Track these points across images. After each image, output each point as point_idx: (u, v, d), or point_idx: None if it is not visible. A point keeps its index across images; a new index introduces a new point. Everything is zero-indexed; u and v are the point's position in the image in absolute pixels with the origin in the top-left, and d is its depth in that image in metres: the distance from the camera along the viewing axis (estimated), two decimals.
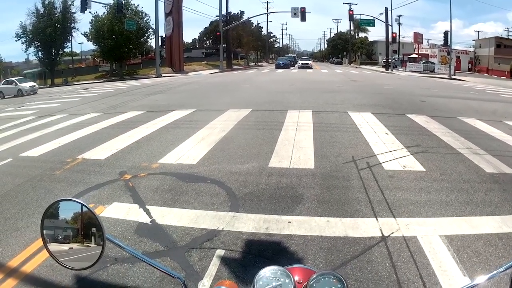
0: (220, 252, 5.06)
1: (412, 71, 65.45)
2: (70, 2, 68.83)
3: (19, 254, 5.68)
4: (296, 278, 1.55)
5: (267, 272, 1.54)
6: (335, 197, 6.71)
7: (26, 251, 5.74)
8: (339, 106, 16.85)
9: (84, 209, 1.59)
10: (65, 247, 1.61)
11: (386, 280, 4.28)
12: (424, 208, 6.22)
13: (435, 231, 5.38)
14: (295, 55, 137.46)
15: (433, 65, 66.65)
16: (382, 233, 5.36)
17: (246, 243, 5.27)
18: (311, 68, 69.51)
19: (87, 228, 1.59)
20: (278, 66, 73.57)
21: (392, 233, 5.35)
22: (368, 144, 10.20)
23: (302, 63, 74.23)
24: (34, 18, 68.79)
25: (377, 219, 5.83)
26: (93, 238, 1.58)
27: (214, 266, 4.72)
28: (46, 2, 68.04)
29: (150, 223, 6.10)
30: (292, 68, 71.15)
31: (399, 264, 4.57)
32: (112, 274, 4.80)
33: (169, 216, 6.32)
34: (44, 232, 1.62)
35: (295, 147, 9.94)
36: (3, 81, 52.42)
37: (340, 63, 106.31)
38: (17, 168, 10.51)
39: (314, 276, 1.48)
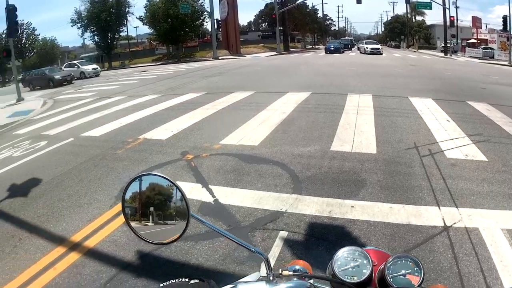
0: (283, 233, 5.16)
1: (471, 56, 63.65)
2: None
3: (82, 229, 5.96)
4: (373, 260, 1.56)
5: (345, 253, 1.56)
6: (397, 183, 6.69)
7: (89, 226, 6.02)
8: (399, 90, 16.67)
9: (169, 184, 1.60)
10: (147, 222, 1.61)
11: (447, 271, 4.26)
12: (486, 200, 6.08)
13: (497, 224, 5.26)
14: (352, 38, 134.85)
15: (492, 51, 64.60)
16: (444, 222, 5.32)
17: (309, 225, 5.35)
18: (381, 53, 60.36)
19: (170, 203, 1.59)
20: (328, 51, 64.39)
21: (455, 223, 5.29)
22: (430, 130, 10.06)
23: (371, 48, 61.26)
24: (89, 4, 70.23)
25: (439, 208, 5.79)
26: (176, 214, 1.59)
27: (277, 247, 4.82)
28: None
29: (213, 203, 6.27)
30: (349, 51, 69.62)
31: (461, 255, 4.52)
32: (175, 251, 4.97)
33: (232, 196, 6.47)
34: (126, 206, 1.63)
35: (357, 131, 9.94)
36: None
37: (398, 47, 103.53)
38: (78, 147, 10.91)
39: (391, 259, 1.50)
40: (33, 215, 6.81)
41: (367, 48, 62.69)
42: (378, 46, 65.27)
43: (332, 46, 65.99)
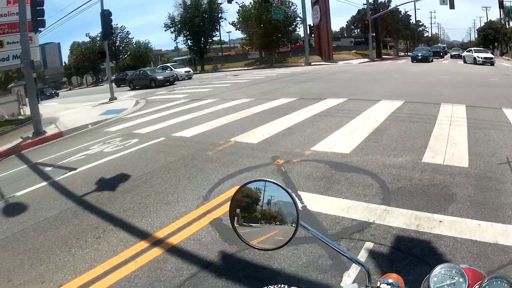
0: (369, 244, 5.02)
1: None
2: None
3: (167, 226, 6.06)
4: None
5: (443, 270, 1.53)
6: (488, 200, 6.33)
7: (174, 224, 6.11)
8: (492, 101, 15.91)
9: (280, 190, 1.57)
10: (252, 226, 1.62)
11: None
12: None
13: None
14: (444, 45, 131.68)
15: None
16: None
17: (396, 238, 5.18)
18: (494, 64, 49.42)
19: (281, 211, 1.58)
20: (415, 59, 54.55)
21: None
22: None
23: (483, 58, 48.80)
24: (182, 10, 72.54)
25: None
26: (284, 220, 1.57)
27: (361, 258, 4.66)
28: None
29: (301, 209, 6.13)
30: (441, 59, 67.48)
31: None
32: (258, 255, 4.92)
33: (320, 204, 6.36)
34: (233, 208, 1.64)
35: (449, 143, 9.57)
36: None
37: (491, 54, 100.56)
38: (169, 147, 11.13)
39: (487, 279, 1.42)
40: (119, 209, 7.02)
41: (478, 58, 49.58)
42: (491, 55, 54.99)
43: (419, 55, 55.80)
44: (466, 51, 62.92)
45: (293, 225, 1.54)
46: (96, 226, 6.40)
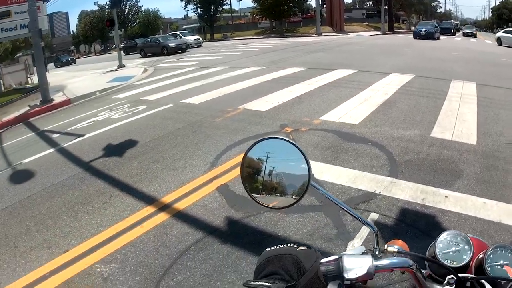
0: (374, 215, 5.06)
1: None
2: None
3: (174, 191, 6.11)
4: None
5: (448, 236, 1.55)
6: (494, 178, 6.30)
7: (181, 189, 6.16)
8: (504, 81, 15.79)
9: (293, 149, 1.50)
10: (263, 185, 1.53)
11: None
12: None
13: None
14: (457, 22, 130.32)
15: None
16: None
17: (401, 211, 5.20)
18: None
19: (289, 167, 1.53)
20: (417, 35, 46.84)
21: None
22: None
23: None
24: None
25: None
26: (295, 179, 1.51)
27: (366, 229, 4.67)
28: None
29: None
30: (453, 36, 66.47)
31: None
32: (264, 221, 4.99)
33: (327, 173, 6.39)
34: (245, 166, 1.56)
35: (458, 119, 9.49)
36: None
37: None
38: (177, 113, 11.14)
39: (491, 248, 1.46)
40: (126, 174, 7.07)
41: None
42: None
43: (423, 30, 47.58)
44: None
45: (304, 184, 1.48)
46: (103, 192, 6.45)
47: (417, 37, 45.32)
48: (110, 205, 5.91)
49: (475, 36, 61.61)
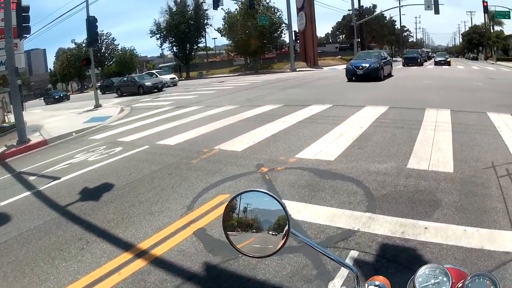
0: (354, 253, 5.00)
1: None
2: (201, 0, 71.47)
3: (151, 237, 6.01)
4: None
5: (427, 270, 1.56)
6: (473, 205, 6.34)
7: (158, 234, 6.06)
8: (477, 105, 16.02)
9: (271, 200, 1.65)
10: (246, 235, 1.66)
11: None
12: None
13: None
14: (429, 49, 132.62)
15: None
16: None
17: (381, 246, 5.16)
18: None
19: (271, 219, 1.65)
20: (351, 74, 32.48)
21: None
22: (508, 148, 9.53)
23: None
24: (167, 16, 72.79)
25: None
26: (277, 229, 1.64)
27: None
28: (178, 0, 71.20)
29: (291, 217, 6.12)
30: (427, 64, 67.07)
31: None
32: (243, 265, 4.90)
33: (305, 212, 6.32)
34: (226, 219, 1.70)
35: (434, 148, 9.59)
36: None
37: (475, 58, 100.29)
38: (153, 155, 11.11)
39: (470, 277, 1.47)
40: (102, 219, 6.96)
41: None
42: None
43: (360, 67, 35.20)
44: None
45: (284, 232, 1.61)
46: (80, 237, 6.33)
47: (352, 78, 31.23)
48: (87, 252, 5.79)
49: (448, 64, 59.17)
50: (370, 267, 4.73)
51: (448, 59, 62.48)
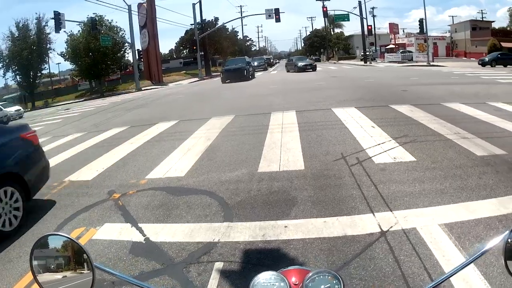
0: (218, 264, 4.94)
1: (390, 61, 66.28)
2: (44, 23, 68.30)
3: (14, 286, 5.56)
4: (293, 279, 1.53)
5: (262, 279, 1.52)
6: (329, 196, 6.61)
7: (20, 282, 5.60)
8: (322, 103, 16.82)
9: (68, 240, 1.61)
10: (56, 277, 1.61)
11: (391, 275, 4.19)
12: (419, 199, 6.16)
13: (434, 220, 5.34)
14: (270, 56, 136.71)
15: (411, 53, 67.65)
16: (380, 228, 5.28)
17: (244, 252, 5.17)
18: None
19: (77, 258, 1.60)
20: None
21: (391, 227, 5.28)
22: (356, 139, 10.14)
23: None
24: (10, 42, 68.46)
25: (374, 214, 5.75)
26: (82, 267, 1.59)
27: (214, 280, 4.60)
28: (20, 25, 67.63)
29: (144, 242, 5.94)
30: (271, 69, 68.72)
31: (402, 258, 4.50)
32: None
33: (162, 233, 6.17)
34: (34, 265, 1.61)
35: (283, 149, 9.85)
36: None
37: (318, 60, 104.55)
38: None
39: (309, 275, 1.47)
40: None
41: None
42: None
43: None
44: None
45: (91, 271, 1.57)
46: None
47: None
48: None
49: (314, 69, 50.57)
50: (237, 275, 4.71)
51: (314, 64, 54.18)
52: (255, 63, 63.29)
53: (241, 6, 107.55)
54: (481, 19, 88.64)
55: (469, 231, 4.99)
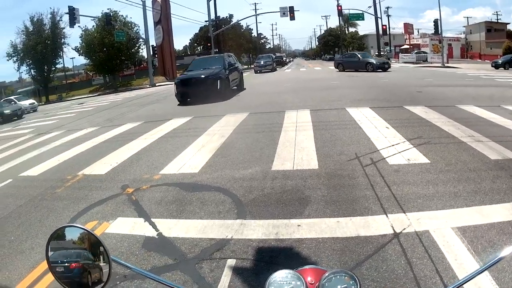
0: (231, 261, 4.95)
1: (405, 62, 65.74)
2: (58, 18, 68.35)
3: (26, 277, 5.60)
4: (309, 279, 1.53)
5: (278, 277, 1.52)
6: (342, 196, 6.60)
7: (32, 273, 5.66)
8: (336, 103, 16.78)
9: (84, 232, 1.67)
10: (72, 269, 1.64)
11: (403, 278, 4.18)
12: (433, 201, 6.12)
13: (447, 223, 5.29)
14: (283, 54, 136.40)
15: (425, 54, 67.10)
16: (394, 230, 5.26)
17: (257, 250, 5.17)
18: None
19: (93, 250, 1.65)
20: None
21: (404, 229, 5.25)
22: (370, 139, 10.09)
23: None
24: (24, 37, 68.53)
25: (387, 215, 5.73)
26: (99, 260, 1.63)
27: (226, 276, 4.60)
28: (35, 20, 67.69)
29: (157, 237, 5.98)
30: (285, 68, 68.36)
31: (414, 260, 4.47)
32: None
33: (175, 228, 6.20)
34: (50, 256, 1.65)
35: (297, 148, 9.84)
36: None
37: (332, 59, 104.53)
38: (18, 188, 10.41)
39: (326, 275, 1.46)
40: None
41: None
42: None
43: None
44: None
45: (107, 264, 1.60)
46: None
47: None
48: None
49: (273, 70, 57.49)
50: (249, 272, 4.71)
51: (274, 65, 60.48)
52: (261, 62, 60.58)
53: (255, 3, 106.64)
54: (496, 21, 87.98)
55: (482, 235, 4.94)
